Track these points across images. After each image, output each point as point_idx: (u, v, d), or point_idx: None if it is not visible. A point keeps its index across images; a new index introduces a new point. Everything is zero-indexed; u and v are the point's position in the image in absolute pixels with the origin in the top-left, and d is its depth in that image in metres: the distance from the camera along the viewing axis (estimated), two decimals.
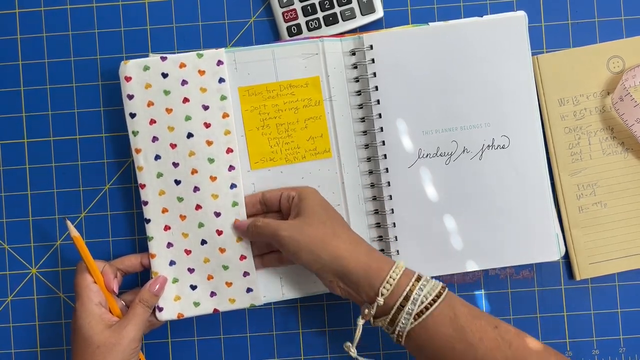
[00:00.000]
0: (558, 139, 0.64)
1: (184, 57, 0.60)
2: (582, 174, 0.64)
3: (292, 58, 0.61)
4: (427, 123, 0.61)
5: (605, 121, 0.64)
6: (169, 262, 0.60)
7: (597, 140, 0.64)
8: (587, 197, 0.64)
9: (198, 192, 0.60)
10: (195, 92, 0.60)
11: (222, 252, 0.60)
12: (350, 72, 0.62)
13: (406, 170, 0.61)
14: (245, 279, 0.60)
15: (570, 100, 0.64)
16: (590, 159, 0.64)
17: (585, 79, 0.64)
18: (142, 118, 0.60)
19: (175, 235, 0.60)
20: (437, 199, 0.61)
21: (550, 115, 0.64)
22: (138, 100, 0.60)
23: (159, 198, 0.60)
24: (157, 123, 0.60)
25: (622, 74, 0.63)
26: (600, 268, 0.64)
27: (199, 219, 0.60)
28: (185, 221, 0.60)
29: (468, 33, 0.61)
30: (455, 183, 0.61)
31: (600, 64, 0.64)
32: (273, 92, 0.61)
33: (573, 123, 0.64)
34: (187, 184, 0.60)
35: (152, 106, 0.60)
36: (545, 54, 0.64)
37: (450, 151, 0.61)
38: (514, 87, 0.61)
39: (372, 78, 0.61)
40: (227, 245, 0.60)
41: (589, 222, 0.64)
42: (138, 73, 0.60)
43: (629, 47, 0.64)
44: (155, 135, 0.60)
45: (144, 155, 0.60)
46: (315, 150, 0.62)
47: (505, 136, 0.61)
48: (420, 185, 0.61)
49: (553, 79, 0.64)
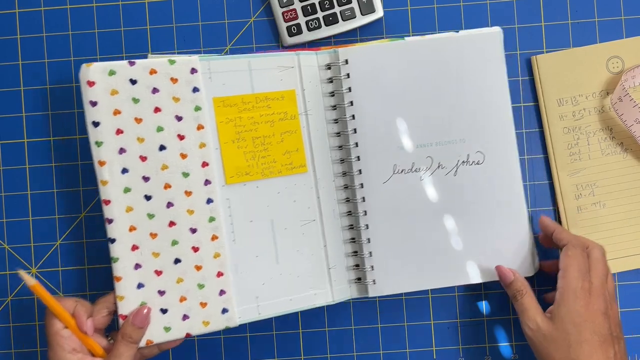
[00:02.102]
0: (557, 138, 0.64)
1: (154, 63, 0.56)
2: (581, 174, 0.64)
3: (268, 70, 0.59)
4: (402, 138, 0.61)
5: (604, 121, 0.64)
6: (137, 285, 0.56)
7: (596, 140, 0.64)
8: (586, 197, 0.64)
9: (172, 207, 0.56)
10: (168, 101, 0.57)
11: (199, 269, 0.57)
12: (325, 86, 0.61)
13: (381, 185, 0.61)
14: (221, 298, 0.57)
15: (570, 101, 0.64)
16: (589, 159, 0.64)
17: (585, 79, 0.64)
18: (107, 127, 0.55)
19: (145, 255, 0.56)
20: (412, 215, 0.61)
21: (549, 115, 0.64)
22: (102, 107, 0.55)
23: (126, 215, 0.55)
24: (124, 133, 0.55)
25: (622, 74, 0.63)
26: None
27: (172, 236, 0.56)
28: (156, 239, 0.56)
29: (444, 48, 0.61)
30: (430, 199, 0.61)
31: (600, 64, 0.64)
32: (249, 104, 0.59)
33: (572, 123, 0.64)
34: (159, 200, 0.56)
35: (119, 115, 0.55)
36: (545, 54, 0.64)
37: (425, 167, 0.61)
38: (489, 104, 0.61)
39: (347, 93, 0.60)
40: (203, 262, 0.57)
41: (588, 222, 0.64)
42: (103, 78, 0.55)
43: (629, 47, 0.64)
44: (123, 146, 0.55)
45: (108, 168, 0.55)
46: (291, 165, 0.60)
47: (480, 152, 0.61)
48: (395, 201, 0.61)
49: (552, 79, 0.64)
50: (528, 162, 0.65)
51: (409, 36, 0.62)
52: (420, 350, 0.65)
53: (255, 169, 0.59)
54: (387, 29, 0.65)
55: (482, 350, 0.65)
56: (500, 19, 0.65)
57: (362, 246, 0.61)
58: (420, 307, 0.65)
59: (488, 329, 0.65)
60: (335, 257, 0.61)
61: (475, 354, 0.65)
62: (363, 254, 0.61)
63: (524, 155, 0.64)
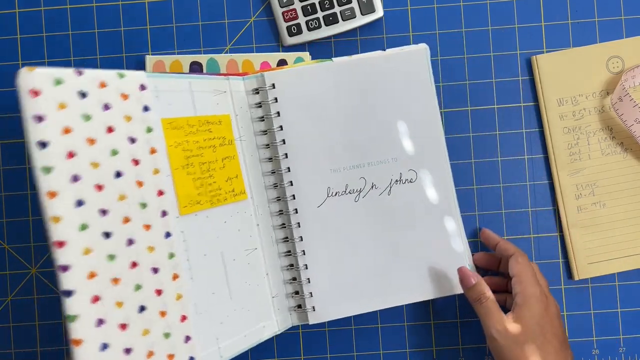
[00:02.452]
0: (557, 138, 0.64)
1: (103, 75, 0.48)
2: (581, 174, 0.64)
3: (206, 93, 0.56)
4: (335, 160, 0.60)
5: (604, 121, 0.64)
6: (101, 347, 0.45)
7: (596, 140, 0.64)
8: (586, 197, 0.64)
9: (132, 245, 0.48)
10: (120, 120, 0.48)
11: (163, 315, 0.49)
12: (255, 111, 0.59)
13: (315, 209, 0.60)
14: (187, 345, 0.50)
15: (570, 100, 0.64)
16: (589, 159, 0.64)
17: (585, 79, 0.64)
18: (56, 149, 0.44)
19: (107, 306, 0.46)
20: (349, 237, 0.60)
21: (549, 115, 0.64)
22: (51, 124, 0.44)
23: (83, 259, 0.45)
24: (77, 157, 0.45)
25: (622, 74, 0.63)
26: (599, 268, 0.64)
27: (135, 279, 0.48)
28: (118, 285, 0.47)
29: (371, 67, 0.60)
30: (366, 220, 0.60)
31: (600, 64, 0.64)
32: (193, 128, 0.54)
33: (572, 123, 0.64)
34: (119, 237, 0.47)
35: (69, 134, 0.45)
36: (545, 53, 0.64)
37: (359, 188, 0.60)
38: (419, 121, 0.61)
39: (276, 117, 0.59)
40: (167, 306, 0.49)
41: (588, 222, 0.64)
42: (49, 88, 0.45)
43: (629, 47, 0.64)
44: (76, 173, 0.45)
45: (61, 201, 0.44)
46: (233, 192, 0.57)
47: (412, 170, 0.60)
48: (330, 224, 0.60)
49: (552, 79, 0.64)
50: (528, 162, 0.65)
51: (336, 57, 0.61)
52: (420, 350, 0.65)
53: (205, 197, 0.54)
54: (387, 29, 0.65)
55: (482, 350, 0.65)
56: (500, 18, 0.65)
57: (300, 273, 0.59)
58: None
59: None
60: (277, 285, 0.60)
61: (476, 354, 0.65)
62: (301, 280, 0.59)
63: (524, 155, 0.65)
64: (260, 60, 0.64)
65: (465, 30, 0.65)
